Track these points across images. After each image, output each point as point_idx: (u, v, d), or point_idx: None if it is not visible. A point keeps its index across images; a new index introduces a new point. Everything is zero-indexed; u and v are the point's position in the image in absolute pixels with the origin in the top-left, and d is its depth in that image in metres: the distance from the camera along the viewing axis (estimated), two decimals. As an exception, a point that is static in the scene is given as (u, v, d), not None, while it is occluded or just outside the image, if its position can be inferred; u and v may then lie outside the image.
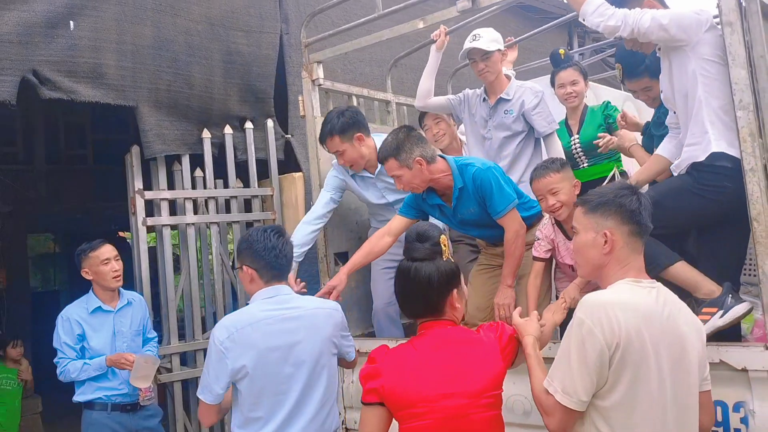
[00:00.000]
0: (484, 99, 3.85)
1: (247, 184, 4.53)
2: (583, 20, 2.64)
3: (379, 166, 3.41)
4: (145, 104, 3.96)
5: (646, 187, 2.86)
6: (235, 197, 4.46)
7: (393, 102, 4.43)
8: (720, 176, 2.41)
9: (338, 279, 3.15)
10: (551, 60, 4.03)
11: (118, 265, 3.60)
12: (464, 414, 1.93)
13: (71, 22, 3.68)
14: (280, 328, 2.36)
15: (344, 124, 3.41)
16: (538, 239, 3.05)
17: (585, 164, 3.92)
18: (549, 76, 5.14)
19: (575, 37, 7.86)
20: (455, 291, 2.05)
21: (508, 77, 3.88)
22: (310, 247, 3.54)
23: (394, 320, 3.71)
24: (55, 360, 3.47)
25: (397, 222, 3.18)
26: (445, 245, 2.07)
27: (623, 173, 3.78)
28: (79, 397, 3.51)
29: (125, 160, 4.17)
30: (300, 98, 3.76)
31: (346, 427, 3.50)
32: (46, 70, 3.47)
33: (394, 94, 4.49)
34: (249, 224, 4.59)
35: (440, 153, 3.08)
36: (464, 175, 3.00)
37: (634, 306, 1.79)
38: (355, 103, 4.09)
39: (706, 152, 2.44)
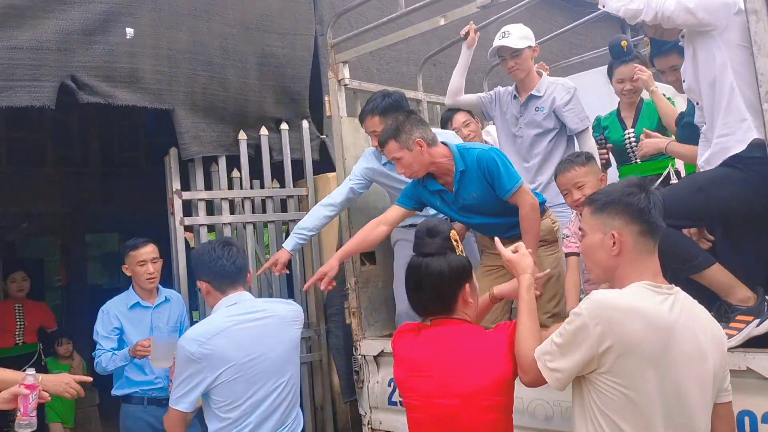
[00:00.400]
0: (515, 96, 3.78)
1: (283, 184, 4.59)
2: (603, 7, 2.54)
3: None
4: (182, 107, 4.06)
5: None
6: (271, 197, 4.52)
7: (424, 101, 4.39)
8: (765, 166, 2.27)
9: (329, 266, 3.16)
10: (611, 51, 3.83)
11: (153, 268, 3.70)
12: (456, 413, 1.92)
13: (129, 29, 3.82)
14: (251, 333, 2.44)
15: (388, 105, 3.39)
16: (567, 236, 3.00)
17: (638, 159, 3.76)
18: (593, 71, 5.00)
19: (628, 29, 7.57)
20: (467, 285, 2.04)
21: (540, 74, 3.79)
22: (316, 232, 3.54)
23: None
24: (93, 353, 3.61)
25: (394, 211, 3.16)
26: (455, 240, 2.06)
27: (677, 172, 3.62)
28: (117, 391, 3.63)
29: (164, 162, 4.29)
30: (326, 98, 3.77)
31: (371, 428, 3.50)
32: (84, 76, 3.60)
33: (426, 93, 4.44)
34: (285, 224, 4.66)
35: (442, 140, 3.04)
36: (466, 159, 2.96)
37: (641, 313, 1.70)
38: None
39: (746, 141, 2.29)
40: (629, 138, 3.74)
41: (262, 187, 4.50)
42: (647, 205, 1.79)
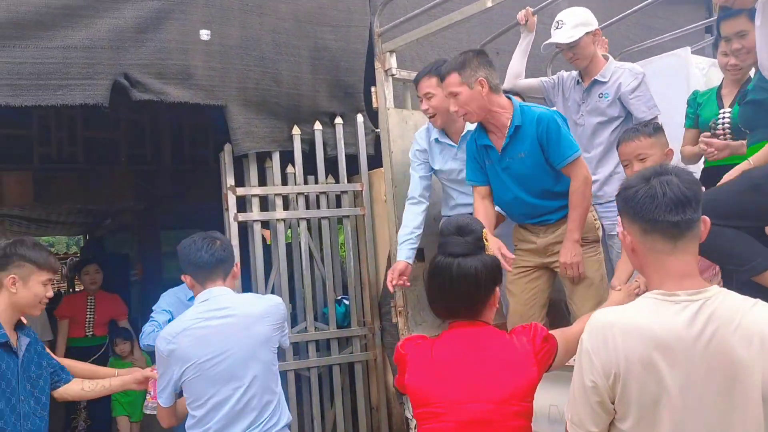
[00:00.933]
0: (578, 82, 3.55)
1: (338, 179, 4.52)
2: None
3: (465, 131, 3.27)
4: (234, 103, 4.04)
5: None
6: (325, 193, 4.46)
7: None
8: None
9: (497, 243, 2.80)
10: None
11: None
12: (489, 420, 1.79)
13: (205, 31, 3.87)
14: (212, 331, 2.43)
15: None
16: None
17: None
18: (669, 54, 4.64)
19: (714, 8, 7.01)
20: (497, 288, 1.93)
21: (606, 57, 3.54)
22: (421, 229, 3.42)
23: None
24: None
25: (481, 188, 3.05)
26: (487, 240, 1.93)
27: None
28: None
29: (220, 158, 4.31)
30: (373, 89, 3.65)
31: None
32: (137, 73, 3.64)
33: (483, 82, 4.23)
34: (339, 220, 4.59)
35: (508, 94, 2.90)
36: (525, 115, 2.80)
37: (643, 329, 1.47)
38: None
39: None
40: (724, 118, 3.33)
41: (317, 182, 4.45)
42: (637, 202, 1.55)
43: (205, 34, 3.93)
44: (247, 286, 4.32)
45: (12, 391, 2.45)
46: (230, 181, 4.22)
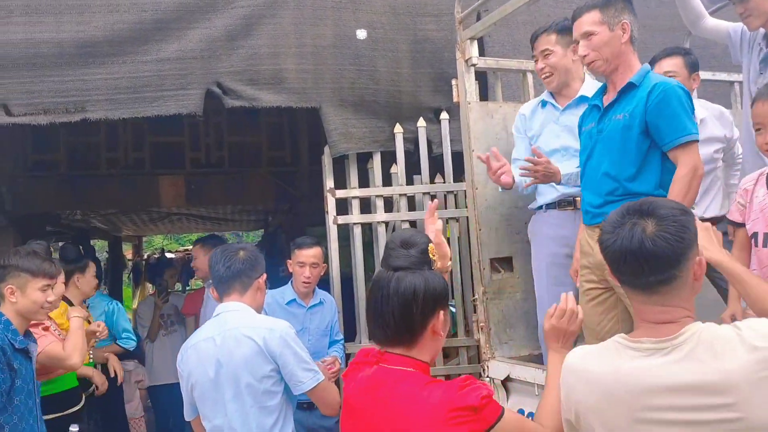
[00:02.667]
0: (761, 45, 2.91)
1: (446, 179, 4.24)
2: None
3: (578, 95, 2.92)
4: (329, 104, 3.96)
5: None
6: (429, 193, 4.21)
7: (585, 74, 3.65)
8: None
9: None
10: None
11: (310, 272, 3.73)
12: None
13: (362, 31, 3.89)
14: (209, 352, 2.32)
15: (568, 26, 2.83)
16: (740, 203, 2.22)
17: None
18: None
19: None
20: (441, 313, 1.64)
21: None
22: None
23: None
24: None
25: None
26: (433, 255, 1.69)
27: None
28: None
29: (322, 160, 4.26)
30: (454, 82, 3.33)
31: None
32: (229, 81, 3.69)
33: (592, 66, 3.69)
34: (445, 222, 4.31)
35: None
36: (646, 78, 2.38)
37: (592, 377, 1.35)
38: (530, 82, 3.47)
39: None
40: None
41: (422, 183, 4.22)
42: (605, 252, 1.34)
43: (361, 34, 3.90)
44: (347, 291, 4.23)
45: (29, 393, 2.55)
46: (330, 183, 4.16)
